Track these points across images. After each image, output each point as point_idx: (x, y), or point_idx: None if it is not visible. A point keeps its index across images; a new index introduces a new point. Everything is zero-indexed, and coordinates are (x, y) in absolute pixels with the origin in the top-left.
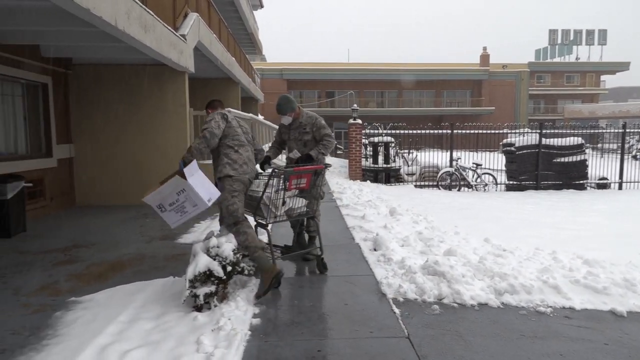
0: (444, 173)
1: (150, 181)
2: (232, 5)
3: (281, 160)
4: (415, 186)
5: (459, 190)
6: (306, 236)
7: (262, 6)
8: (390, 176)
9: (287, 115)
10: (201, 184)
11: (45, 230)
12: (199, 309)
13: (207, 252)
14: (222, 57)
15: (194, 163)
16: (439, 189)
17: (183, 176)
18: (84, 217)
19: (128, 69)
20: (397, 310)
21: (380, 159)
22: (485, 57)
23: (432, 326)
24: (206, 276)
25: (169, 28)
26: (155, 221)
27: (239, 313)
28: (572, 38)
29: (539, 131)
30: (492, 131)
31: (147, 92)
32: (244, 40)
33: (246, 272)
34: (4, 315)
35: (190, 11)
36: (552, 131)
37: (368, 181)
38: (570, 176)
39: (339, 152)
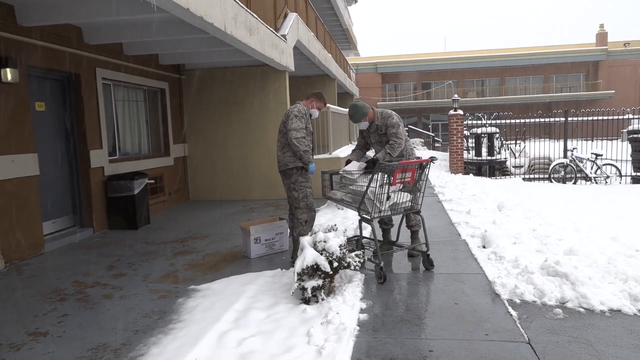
0: (557, 165)
1: (255, 176)
2: (327, 3)
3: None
4: (524, 179)
5: (574, 183)
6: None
7: (356, 1)
8: (494, 169)
9: (362, 122)
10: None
11: (165, 223)
12: (306, 301)
13: (314, 246)
14: (320, 55)
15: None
16: (552, 182)
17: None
18: (197, 211)
19: (233, 71)
20: (513, 313)
21: (484, 150)
22: (602, 36)
23: (555, 332)
24: (313, 270)
25: (271, 29)
26: (261, 215)
27: (346, 307)
28: None
29: None
30: (615, 117)
31: (250, 92)
32: (339, 36)
33: (352, 267)
34: (136, 300)
35: (289, 11)
36: None
37: (471, 174)
38: None
39: (437, 144)
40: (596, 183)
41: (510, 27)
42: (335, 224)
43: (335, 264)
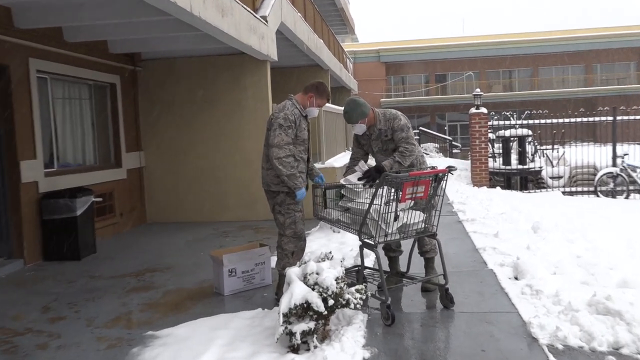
0: (604, 175)
1: (229, 192)
2: None
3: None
4: (564, 193)
5: (627, 197)
6: (393, 262)
7: None
8: (527, 180)
9: (358, 124)
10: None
11: (116, 252)
12: (295, 349)
13: (304, 279)
14: (309, 40)
15: None
16: (598, 196)
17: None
18: (157, 236)
19: (202, 62)
20: None
21: (514, 158)
22: None
23: None
24: (303, 309)
25: (248, 9)
26: (236, 241)
27: (345, 357)
28: None
29: None
30: None
31: (224, 87)
32: (333, 18)
33: (352, 305)
34: (79, 350)
35: None
36: None
37: (498, 187)
38: None
39: (455, 151)
40: None
41: (542, 5)
42: (331, 251)
43: (331, 302)
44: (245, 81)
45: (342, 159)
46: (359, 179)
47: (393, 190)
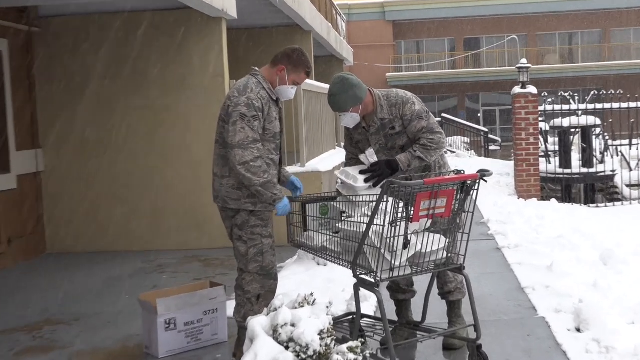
0: None
1: (168, 208)
2: None
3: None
4: None
5: None
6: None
7: None
8: (595, 190)
9: (349, 112)
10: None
11: (0, 296)
12: None
13: (274, 334)
14: None
15: None
16: None
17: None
18: (62, 272)
19: (129, 21)
20: None
21: (576, 157)
22: None
23: None
24: None
25: None
26: (177, 278)
27: None
28: None
29: None
30: None
31: (160, 56)
32: None
33: None
34: None
35: None
36: None
37: (553, 200)
38: None
39: (492, 147)
40: None
41: None
42: (312, 292)
43: None
44: (190, 48)
45: (329, 159)
46: (361, 172)
47: (402, 204)
